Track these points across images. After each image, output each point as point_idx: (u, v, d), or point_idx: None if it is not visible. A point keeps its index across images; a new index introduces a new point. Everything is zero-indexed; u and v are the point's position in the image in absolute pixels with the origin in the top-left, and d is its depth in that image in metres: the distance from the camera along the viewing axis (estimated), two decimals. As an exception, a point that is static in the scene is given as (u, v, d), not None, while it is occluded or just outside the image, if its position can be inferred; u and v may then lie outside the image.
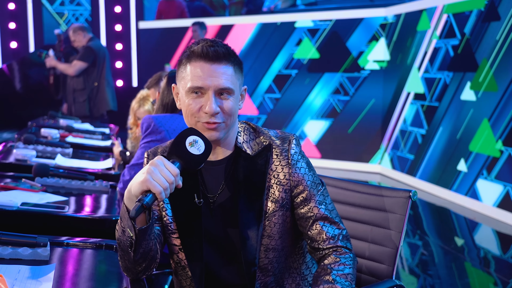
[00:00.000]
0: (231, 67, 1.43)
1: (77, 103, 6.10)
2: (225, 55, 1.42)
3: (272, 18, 7.72)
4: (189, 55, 1.44)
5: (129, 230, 1.35)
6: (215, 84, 1.41)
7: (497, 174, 4.87)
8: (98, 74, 6.05)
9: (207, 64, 1.41)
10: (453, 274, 3.72)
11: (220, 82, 1.41)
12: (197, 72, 1.41)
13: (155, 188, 1.27)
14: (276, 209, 1.48)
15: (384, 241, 1.73)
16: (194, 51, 1.42)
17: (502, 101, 4.85)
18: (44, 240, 1.57)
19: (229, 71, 1.43)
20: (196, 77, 1.41)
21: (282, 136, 1.53)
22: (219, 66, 1.41)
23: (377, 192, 1.78)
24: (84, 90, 6.08)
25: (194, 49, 1.43)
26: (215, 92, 1.41)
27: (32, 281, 1.37)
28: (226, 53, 1.42)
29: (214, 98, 1.41)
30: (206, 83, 1.41)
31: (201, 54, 1.41)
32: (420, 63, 6.20)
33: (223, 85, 1.41)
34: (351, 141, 7.13)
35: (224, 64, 1.42)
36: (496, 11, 5.01)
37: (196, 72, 1.41)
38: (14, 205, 1.97)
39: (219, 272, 1.51)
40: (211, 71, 1.41)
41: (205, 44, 1.42)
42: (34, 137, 3.33)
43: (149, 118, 2.45)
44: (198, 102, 1.42)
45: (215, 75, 1.41)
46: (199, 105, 1.42)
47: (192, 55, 1.43)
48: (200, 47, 1.42)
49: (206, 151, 1.36)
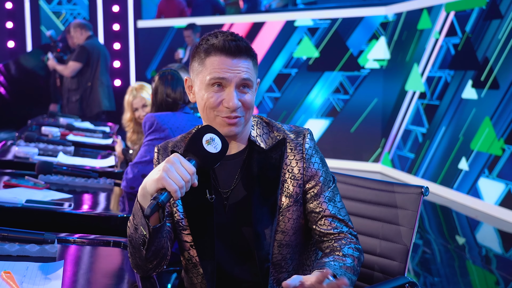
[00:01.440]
0: (251, 61, 1.43)
1: (70, 103, 6.07)
2: (246, 49, 1.41)
3: (272, 17, 7.70)
4: (208, 48, 1.41)
5: (142, 228, 1.32)
6: (237, 77, 1.39)
7: (499, 172, 4.86)
8: (91, 74, 5.99)
9: (229, 58, 1.39)
10: (455, 272, 3.71)
11: (242, 75, 1.39)
12: (218, 65, 1.39)
13: (170, 186, 1.25)
14: (290, 204, 1.47)
15: (395, 237, 1.71)
16: (214, 45, 1.40)
17: (504, 99, 4.84)
18: (51, 237, 1.54)
19: (250, 65, 1.42)
20: (217, 69, 1.39)
21: (296, 131, 1.51)
22: (240, 61, 1.40)
23: (388, 188, 1.75)
24: (77, 90, 6.05)
25: (214, 43, 1.40)
26: (237, 86, 1.40)
27: (41, 278, 1.34)
28: (247, 47, 1.41)
29: (236, 92, 1.39)
30: (229, 75, 1.39)
31: (223, 48, 1.39)
32: (420, 62, 6.18)
33: (244, 76, 1.40)
34: (351, 140, 7.12)
35: (245, 58, 1.41)
36: (498, 9, 5.00)
37: (217, 65, 1.39)
38: (19, 202, 1.94)
39: (231, 269, 1.49)
40: (233, 65, 1.39)
41: (226, 38, 1.40)
42: (36, 135, 3.30)
43: (152, 117, 2.44)
44: (219, 96, 1.40)
45: (237, 69, 1.39)
46: (220, 99, 1.40)
47: (212, 49, 1.40)
48: (222, 40, 1.39)
49: (223, 149, 1.34)
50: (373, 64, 6.93)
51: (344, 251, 1.43)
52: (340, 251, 1.43)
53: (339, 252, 1.43)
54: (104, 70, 6.09)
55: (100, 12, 10.50)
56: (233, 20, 8.12)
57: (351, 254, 1.43)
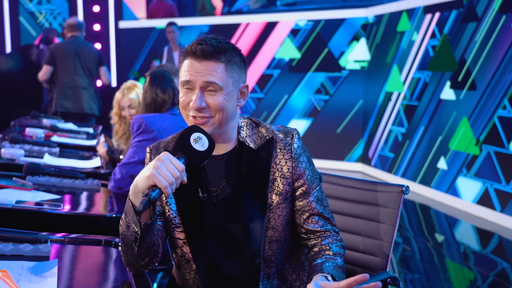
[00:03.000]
0: (221, 64, 1.46)
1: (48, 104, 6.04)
2: (213, 52, 1.45)
3: (254, 18, 7.76)
4: (184, 52, 1.50)
5: (134, 225, 1.37)
6: (200, 80, 1.45)
7: (476, 171, 4.98)
8: (56, 75, 5.87)
9: (196, 61, 1.46)
10: (434, 269, 3.80)
11: (205, 78, 1.45)
12: (187, 68, 1.48)
13: (161, 183, 1.30)
14: (280, 202, 1.53)
15: (377, 234, 1.78)
16: (187, 49, 1.49)
17: (481, 100, 4.96)
18: (45, 237, 1.58)
19: (219, 68, 1.46)
20: (185, 72, 1.47)
21: (285, 131, 1.57)
22: (206, 63, 1.45)
23: (371, 187, 1.83)
24: (49, 91, 6.02)
25: (187, 47, 1.49)
26: (201, 88, 1.46)
27: (37, 277, 1.38)
28: (214, 51, 1.45)
29: (200, 94, 1.46)
30: (192, 78, 1.46)
31: (190, 52, 1.47)
32: (400, 63, 6.30)
33: (208, 79, 1.45)
34: (332, 140, 7.21)
35: (213, 61, 1.45)
36: (474, 11, 5.13)
37: (186, 68, 1.48)
38: (9, 203, 1.97)
39: (223, 265, 1.54)
40: (198, 68, 1.45)
41: (195, 42, 1.47)
42: (21, 137, 3.31)
43: (140, 118, 2.47)
44: (188, 96, 1.48)
45: (201, 71, 1.45)
46: (188, 100, 1.48)
47: (185, 53, 1.49)
48: (191, 45, 1.48)
49: (210, 147, 1.40)
50: (354, 65, 7.03)
51: (333, 249, 1.50)
52: (329, 250, 1.50)
53: (329, 251, 1.49)
54: (68, 71, 5.84)
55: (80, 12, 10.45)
56: (215, 21, 8.16)
57: (339, 252, 1.50)
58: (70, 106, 5.87)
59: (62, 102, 5.83)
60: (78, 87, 5.87)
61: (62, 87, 5.84)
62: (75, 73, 5.86)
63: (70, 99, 5.87)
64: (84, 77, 5.89)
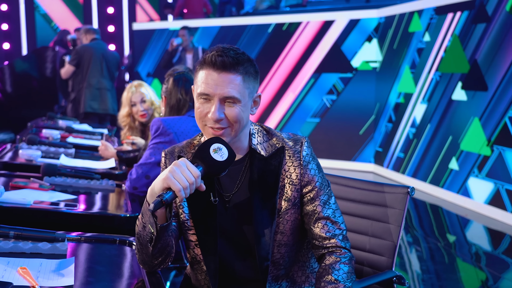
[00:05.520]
0: (240, 76, 1.48)
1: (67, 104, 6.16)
2: (232, 64, 1.47)
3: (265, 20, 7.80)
4: (202, 62, 1.51)
5: (150, 226, 1.43)
6: (220, 93, 1.47)
7: (488, 172, 4.98)
8: (82, 76, 6.08)
9: (215, 72, 1.47)
10: (445, 269, 3.81)
11: (225, 91, 1.47)
12: (205, 79, 1.48)
13: (175, 185, 1.36)
14: (288, 207, 1.57)
15: (383, 234, 1.82)
16: (205, 59, 1.49)
17: (492, 100, 4.97)
18: (62, 236, 1.64)
19: (237, 80, 1.48)
20: (204, 84, 1.49)
21: (294, 138, 1.61)
22: (226, 75, 1.47)
23: (377, 189, 1.87)
24: (71, 92, 6.15)
25: (205, 57, 1.49)
26: (220, 100, 1.48)
27: (55, 274, 1.45)
28: (234, 62, 1.47)
29: (219, 105, 1.48)
30: (212, 91, 1.47)
31: (210, 63, 1.48)
32: (411, 64, 6.31)
33: (227, 94, 1.47)
34: (343, 140, 7.24)
35: (232, 73, 1.47)
36: (485, 12, 5.13)
37: (204, 79, 1.49)
38: (27, 203, 2.04)
39: (233, 267, 1.59)
40: (218, 80, 1.47)
41: (215, 53, 1.48)
42: (38, 138, 3.38)
43: (158, 121, 2.53)
44: (206, 107, 1.50)
45: (221, 84, 1.47)
46: (206, 111, 1.50)
47: (204, 62, 1.50)
48: (211, 55, 1.48)
49: (229, 159, 1.45)
50: (366, 66, 7.05)
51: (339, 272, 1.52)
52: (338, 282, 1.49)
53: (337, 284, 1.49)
54: (96, 73, 6.10)
55: (95, 14, 10.57)
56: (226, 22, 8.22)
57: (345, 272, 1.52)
58: (97, 106, 6.15)
59: (90, 103, 6.09)
60: (104, 88, 6.15)
61: (90, 88, 6.08)
62: (101, 75, 6.14)
63: (97, 100, 6.15)
64: (108, 79, 6.21)
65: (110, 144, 3.38)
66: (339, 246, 1.56)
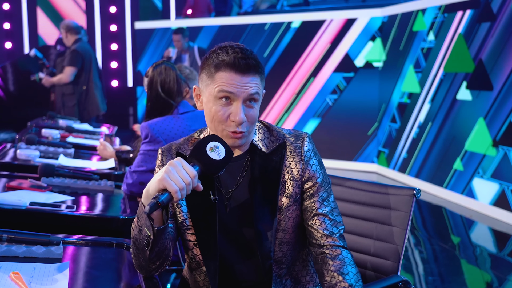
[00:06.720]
0: (259, 77, 1.47)
1: (66, 108, 6.08)
2: (255, 66, 1.45)
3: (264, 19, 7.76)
4: (218, 64, 1.45)
5: (146, 230, 1.38)
6: (245, 92, 1.44)
7: (493, 172, 4.92)
8: (86, 77, 6.03)
9: (238, 75, 1.44)
10: (450, 271, 3.77)
11: (249, 91, 1.44)
12: (227, 80, 1.44)
13: (171, 187, 1.31)
14: (290, 204, 1.53)
15: (388, 238, 1.77)
16: (225, 61, 1.44)
17: (497, 100, 4.91)
18: (57, 239, 1.59)
19: (257, 81, 1.47)
20: (226, 83, 1.44)
21: (295, 134, 1.57)
22: (248, 77, 1.45)
23: (382, 190, 1.82)
24: (73, 94, 6.07)
25: (224, 59, 1.44)
26: (244, 100, 1.45)
27: (48, 279, 1.40)
28: (256, 64, 1.46)
29: (243, 107, 1.45)
30: (237, 91, 1.44)
31: (233, 65, 1.43)
32: (415, 63, 6.25)
33: (252, 91, 1.45)
34: (347, 140, 7.19)
35: (253, 75, 1.46)
36: (490, 11, 5.07)
37: (226, 80, 1.44)
38: (23, 204, 1.99)
39: (234, 267, 1.54)
40: (242, 82, 1.44)
41: (236, 55, 1.44)
42: (37, 138, 3.34)
43: (147, 128, 2.46)
44: (226, 110, 1.45)
45: (244, 85, 1.44)
46: (227, 113, 1.45)
47: (222, 64, 1.44)
48: (232, 58, 1.43)
49: (227, 157, 1.40)
50: (369, 65, 7.00)
51: None
52: None
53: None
54: (96, 73, 6.14)
55: (97, 13, 10.53)
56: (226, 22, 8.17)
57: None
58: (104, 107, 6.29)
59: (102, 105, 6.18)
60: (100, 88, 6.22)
61: (98, 89, 6.16)
62: (98, 75, 6.20)
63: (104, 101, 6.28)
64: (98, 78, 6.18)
65: (109, 144, 3.33)
66: (336, 245, 1.52)
